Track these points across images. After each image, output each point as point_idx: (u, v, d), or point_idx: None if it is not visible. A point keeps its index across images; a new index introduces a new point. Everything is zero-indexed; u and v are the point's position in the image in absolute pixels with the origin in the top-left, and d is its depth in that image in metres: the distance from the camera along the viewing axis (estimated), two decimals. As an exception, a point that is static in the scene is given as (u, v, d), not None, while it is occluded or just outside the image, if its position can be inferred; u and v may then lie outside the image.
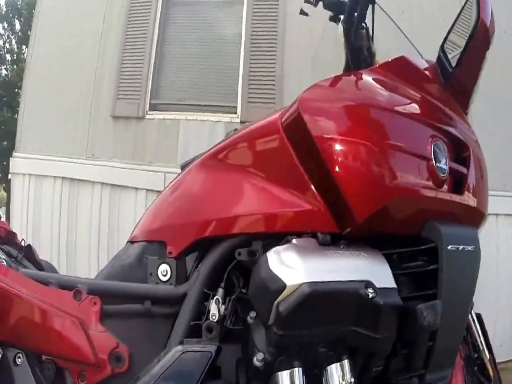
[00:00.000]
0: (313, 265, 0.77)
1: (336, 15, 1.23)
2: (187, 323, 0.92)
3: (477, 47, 1.00)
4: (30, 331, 0.94)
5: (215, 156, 1.04)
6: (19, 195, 3.58)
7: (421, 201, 0.86)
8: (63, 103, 3.57)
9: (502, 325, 2.92)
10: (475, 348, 1.11)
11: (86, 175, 3.39)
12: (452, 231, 0.87)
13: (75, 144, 3.48)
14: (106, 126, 3.45)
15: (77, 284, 0.96)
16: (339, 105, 0.90)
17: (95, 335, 0.92)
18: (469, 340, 1.11)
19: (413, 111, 0.94)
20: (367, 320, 0.76)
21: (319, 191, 0.86)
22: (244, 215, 0.92)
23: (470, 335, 1.11)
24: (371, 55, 1.21)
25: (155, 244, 1.03)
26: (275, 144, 0.93)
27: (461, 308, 0.91)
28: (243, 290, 0.92)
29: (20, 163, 3.62)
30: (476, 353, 1.11)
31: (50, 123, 3.59)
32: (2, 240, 1.18)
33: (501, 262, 2.95)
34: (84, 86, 3.53)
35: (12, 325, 0.93)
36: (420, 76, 1.04)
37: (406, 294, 0.84)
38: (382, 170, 0.82)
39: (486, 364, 1.10)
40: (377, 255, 0.83)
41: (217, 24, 3.49)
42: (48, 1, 3.82)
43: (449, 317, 0.84)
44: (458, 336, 0.94)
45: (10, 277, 0.95)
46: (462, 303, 0.91)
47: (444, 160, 0.90)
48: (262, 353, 0.80)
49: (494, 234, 2.93)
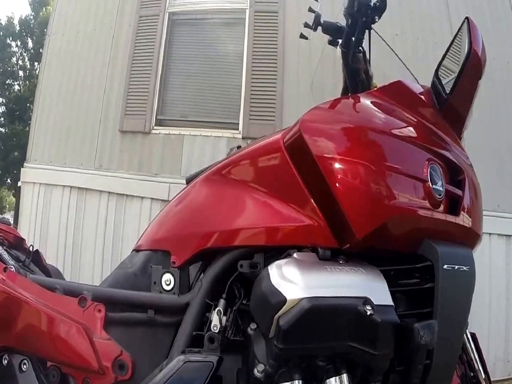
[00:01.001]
0: (313, 280, 0.76)
1: (335, 39, 1.24)
2: (189, 333, 0.90)
3: (470, 76, 1.00)
4: (36, 337, 0.92)
5: (220, 171, 1.03)
6: (29, 202, 3.56)
7: (418, 220, 0.86)
8: (72, 117, 3.58)
9: (495, 344, 2.88)
10: (470, 367, 1.09)
11: (93, 184, 3.39)
12: (448, 251, 0.86)
13: (84, 156, 3.48)
14: (114, 140, 3.45)
15: (83, 291, 0.95)
16: (339, 127, 0.90)
17: (99, 342, 0.90)
18: (464, 359, 1.09)
19: (410, 134, 0.93)
20: (364, 336, 0.74)
21: (320, 207, 0.85)
22: (246, 228, 0.91)
23: (465, 354, 1.09)
24: (368, 78, 1.22)
25: (159, 253, 1.02)
26: (278, 161, 0.93)
27: (456, 327, 0.89)
28: (244, 302, 0.91)
29: (31, 172, 3.62)
30: (471, 371, 1.08)
31: (60, 136, 3.59)
32: (11, 245, 1.17)
33: (494, 280, 2.92)
34: (94, 102, 3.54)
35: (18, 331, 0.91)
36: (416, 101, 1.04)
37: (402, 311, 0.83)
38: (381, 189, 0.82)
39: (482, 383, 1.07)
40: (375, 272, 0.82)
41: (220, 44, 3.52)
42: (59, 23, 3.86)
43: (445, 335, 0.82)
44: (454, 354, 0.92)
45: (18, 283, 0.93)
46: (458, 322, 0.89)
47: (440, 182, 0.89)
48: (262, 365, 0.79)
49: (487, 252, 2.92)
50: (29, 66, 14.82)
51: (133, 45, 3.53)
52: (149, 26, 3.55)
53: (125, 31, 3.61)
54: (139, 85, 3.45)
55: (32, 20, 14.74)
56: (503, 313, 2.95)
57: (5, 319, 0.91)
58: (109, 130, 3.47)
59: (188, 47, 3.59)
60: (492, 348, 2.84)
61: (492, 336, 2.86)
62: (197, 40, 3.59)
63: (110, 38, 3.62)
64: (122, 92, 3.47)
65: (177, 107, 3.52)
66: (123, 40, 3.59)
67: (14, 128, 13.23)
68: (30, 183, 3.60)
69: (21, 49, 14.89)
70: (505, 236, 2.99)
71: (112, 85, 3.53)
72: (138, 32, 3.55)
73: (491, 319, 2.91)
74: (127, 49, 3.54)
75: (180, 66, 3.55)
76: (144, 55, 3.49)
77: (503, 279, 2.96)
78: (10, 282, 0.92)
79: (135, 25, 3.57)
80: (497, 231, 2.94)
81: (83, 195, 3.41)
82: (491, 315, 2.92)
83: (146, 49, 3.50)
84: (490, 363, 2.67)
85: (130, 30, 3.58)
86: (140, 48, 3.52)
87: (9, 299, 0.89)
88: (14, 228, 1.31)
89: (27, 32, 14.74)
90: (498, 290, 2.94)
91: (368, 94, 1.02)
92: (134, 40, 3.54)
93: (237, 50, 3.44)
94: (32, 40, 14.77)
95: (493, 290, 2.92)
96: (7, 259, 1.01)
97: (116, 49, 3.59)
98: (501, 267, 2.96)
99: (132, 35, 3.56)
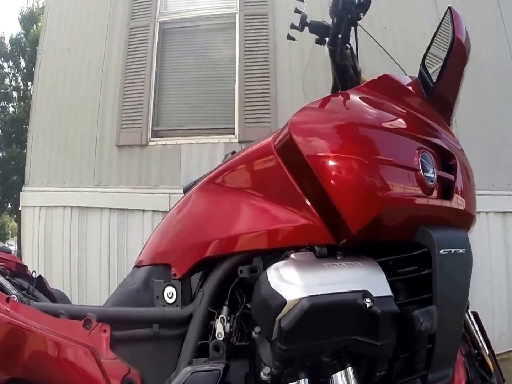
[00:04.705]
0: (311, 279, 0.78)
1: (322, 38, 1.27)
2: (194, 344, 0.92)
3: (455, 63, 1.03)
4: (43, 364, 0.93)
5: (214, 180, 1.06)
6: (30, 226, 3.60)
7: (411, 209, 0.88)
8: (68, 136, 3.62)
9: (499, 318, 3.00)
10: (474, 345, 1.13)
11: (94, 202, 3.42)
12: (443, 236, 0.88)
13: (82, 174, 3.51)
14: (111, 155, 3.48)
15: (87, 313, 0.96)
16: (328, 125, 0.92)
17: (107, 363, 0.92)
18: (468, 338, 1.13)
19: (399, 126, 0.96)
20: (366, 329, 0.76)
21: (314, 206, 0.87)
22: (243, 233, 0.93)
23: (468, 333, 1.13)
24: (357, 73, 1.25)
25: (160, 267, 1.05)
26: (270, 165, 0.95)
27: (456, 309, 0.92)
28: (247, 305, 0.93)
29: (30, 196, 3.65)
30: (476, 349, 1.12)
31: (57, 156, 3.63)
32: (14, 274, 1.18)
33: (494, 256, 3.04)
34: (89, 118, 3.57)
35: (26, 361, 0.92)
36: (404, 92, 1.06)
37: (402, 299, 0.86)
38: (372, 182, 0.84)
39: (486, 359, 1.11)
40: (372, 264, 0.84)
41: (211, 50, 3.55)
42: (50, 40, 3.90)
43: (446, 319, 0.85)
44: (457, 336, 0.95)
45: (22, 312, 0.94)
46: (458, 304, 0.92)
47: (431, 169, 0.92)
48: (268, 367, 0.81)
49: (485, 230, 3.04)
50: (22, 87, 14.93)
51: (125, 57, 3.57)
52: (140, 38, 3.58)
53: (116, 44, 3.64)
54: (133, 98, 3.48)
55: (23, 39, 14.85)
56: (504, 288, 3.07)
57: (11, 350, 0.92)
58: (106, 146, 3.50)
59: (180, 55, 3.63)
60: (496, 323, 2.96)
61: (495, 312, 2.99)
62: (188, 48, 3.62)
63: (102, 53, 3.65)
64: (116, 106, 3.50)
65: (172, 117, 3.56)
66: (115, 54, 3.62)
67: (12, 151, 13.31)
68: (30, 207, 3.64)
69: (14, 70, 15.00)
70: (501, 213, 3.12)
71: (106, 100, 3.56)
72: (129, 44, 3.59)
73: (494, 295, 3.03)
74: (119, 62, 3.57)
75: (173, 75, 3.59)
76: (137, 67, 3.53)
77: (502, 254, 3.08)
78: (14, 312, 0.93)
79: (126, 38, 3.61)
80: (494, 209, 3.07)
81: (84, 213, 3.44)
82: (493, 291, 3.03)
83: (139, 61, 3.53)
84: (495, 337, 2.78)
85: (121, 43, 3.62)
86: (132, 60, 3.55)
87: (14, 330, 0.90)
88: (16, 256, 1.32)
89: (18, 51, 14.85)
90: (498, 266, 3.06)
91: (356, 90, 1.04)
92: (126, 52, 3.57)
93: (229, 54, 3.47)
94: (24, 60, 14.87)
95: (493, 266, 3.04)
96: (9, 288, 1.02)
97: (108, 63, 3.62)
98: (499, 243, 3.09)
99: (124, 47, 3.59)
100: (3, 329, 0.90)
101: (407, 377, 0.87)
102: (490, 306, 2.97)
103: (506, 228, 3.11)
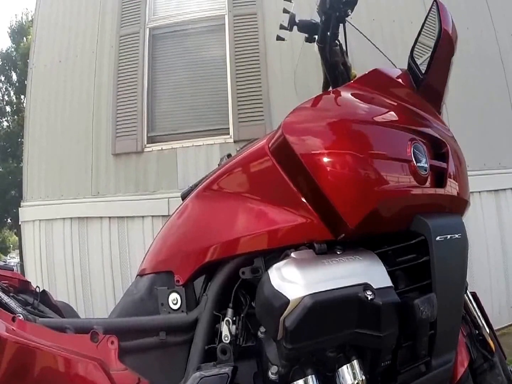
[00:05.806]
0: (312, 277, 0.79)
1: (311, 36, 1.28)
2: (202, 348, 0.93)
3: (443, 54, 1.05)
4: (53, 381, 0.92)
5: (210, 186, 1.07)
6: (31, 241, 3.61)
7: (406, 200, 0.90)
8: (64, 148, 3.62)
9: (497, 294, 3.09)
10: (475, 325, 1.14)
11: (93, 212, 3.43)
12: (439, 223, 0.90)
13: (80, 185, 3.52)
14: (108, 164, 3.50)
15: (93, 326, 0.96)
16: (320, 123, 0.93)
17: (116, 374, 0.91)
18: (468, 319, 1.14)
19: (391, 119, 0.97)
20: (369, 321, 0.78)
21: (311, 204, 0.89)
22: (242, 236, 0.95)
23: (468, 314, 1.15)
24: (347, 69, 1.26)
25: (162, 274, 1.06)
26: (265, 167, 0.96)
27: (455, 293, 0.94)
28: (252, 305, 0.94)
29: (29, 211, 3.66)
30: (476, 329, 1.14)
31: (53, 169, 3.64)
32: (18, 290, 1.18)
33: (489, 234, 3.14)
34: (83, 129, 3.58)
35: (35, 378, 0.91)
36: (394, 85, 1.08)
37: (403, 287, 0.88)
38: (366, 177, 0.85)
39: (487, 338, 1.13)
40: (371, 256, 0.86)
41: (202, 52, 3.56)
42: (40, 53, 3.91)
43: (446, 304, 0.87)
44: (457, 320, 0.97)
45: (28, 330, 0.93)
46: (456, 288, 0.94)
47: (424, 159, 0.93)
48: (276, 366, 0.82)
49: (479, 209, 3.13)
50: (15, 100, 14.93)
51: (117, 65, 3.57)
52: (130, 45, 3.59)
53: (107, 53, 3.65)
54: (126, 105, 3.49)
55: (14, 53, 14.85)
56: (501, 264, 3.16)
57: (20, 369, 0.91)
58: (102, 155, 3.51)
59: (171, 60, 3.63)
60: (495, 299, 3.08)
61: (493, 288, 3.10)
62: (179, 52, 3.63)
63: (93, 63, 3.66)
64: (110, 115, 3.51)
65: (166, 121, 3.56)
66: (106, 62, 3.63)
67: (8, 166, 13.33)
68: (29, 221, 3.65)
69: (6, 84, 15.00)
70: (494, 191, 3.21)
71: (100, 109, 3.57)
72: (120, 52, 3.60)
73: (491, 272, 3.12)
74: (111, 71, 3.58)
75: (165, 81, 3.59)
76: (129, 74, 3.54)
77: (497, 231, 3.17)
78: (21, 331, 0.92)
79: (117, 46, 3.62)
80: (486, 188, 3.16)
81: (84, 224, 3.45)
82: (490, 268, 3.13)
83: (130, 68, 3.54)
84: (495, 312, 2.86)
85: (112, 51, 3.62)
86: (124, 68, 3.56)
87: (22, 349, 0.89)
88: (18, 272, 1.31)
89: (9, 65, 14.85)
90: (493, 243, 3.15)
91: (347, 87, 1.06)
92: (117, 60, 3.58)
93: (219, 55, 3.49)
94: (16, 73, 14.87)
95: (489, 244, 3.13)
96: (14, 307, 1.01)
97: (100, 73, 3.63)
98: (493, 220, 3.18)
99: (115, 56, 3.60)
100: (11, 348, 0.89)
101: (411, 365, 0.89)
102: (488, 283, 3.07)
103: (499, 205, 3.21)
